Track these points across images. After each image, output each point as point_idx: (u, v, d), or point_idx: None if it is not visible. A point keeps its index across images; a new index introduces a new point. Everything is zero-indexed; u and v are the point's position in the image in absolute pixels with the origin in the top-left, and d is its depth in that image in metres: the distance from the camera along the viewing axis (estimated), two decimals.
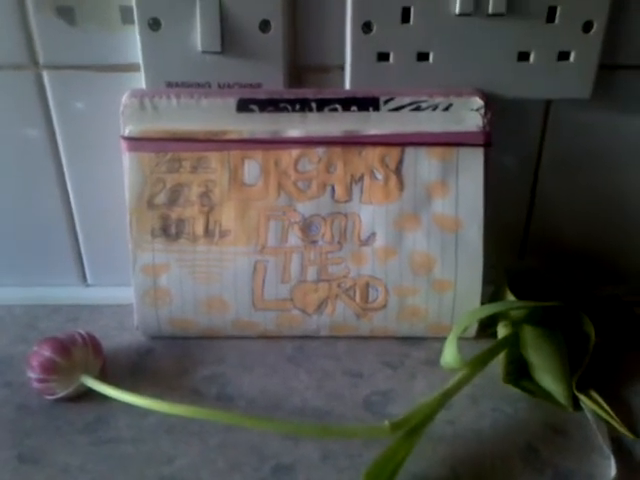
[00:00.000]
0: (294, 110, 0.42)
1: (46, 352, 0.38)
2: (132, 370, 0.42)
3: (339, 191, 0.43)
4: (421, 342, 0.45)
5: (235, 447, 0.36)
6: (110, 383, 0.38)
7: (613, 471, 0.34)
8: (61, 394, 0.39)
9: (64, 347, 0.39)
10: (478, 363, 0.38)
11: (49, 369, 0.38)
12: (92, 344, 0.40)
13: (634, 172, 0.48)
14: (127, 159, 0.42)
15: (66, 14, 0.42)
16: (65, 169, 0.47)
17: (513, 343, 0.41)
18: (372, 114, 0.42)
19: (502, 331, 0.42)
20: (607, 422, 0.38)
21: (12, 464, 0.35)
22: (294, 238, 0.43)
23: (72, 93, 0.44)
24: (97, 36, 0.43)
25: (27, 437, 0.37)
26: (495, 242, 0.43)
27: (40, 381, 0.38)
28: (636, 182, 0.48)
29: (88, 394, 0.39)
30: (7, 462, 0.35)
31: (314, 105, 0.42)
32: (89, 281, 0.52)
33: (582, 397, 0.39)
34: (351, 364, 0.43)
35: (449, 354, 0.39)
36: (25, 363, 0.39)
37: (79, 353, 0.39)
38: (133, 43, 0.42)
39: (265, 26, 0.41)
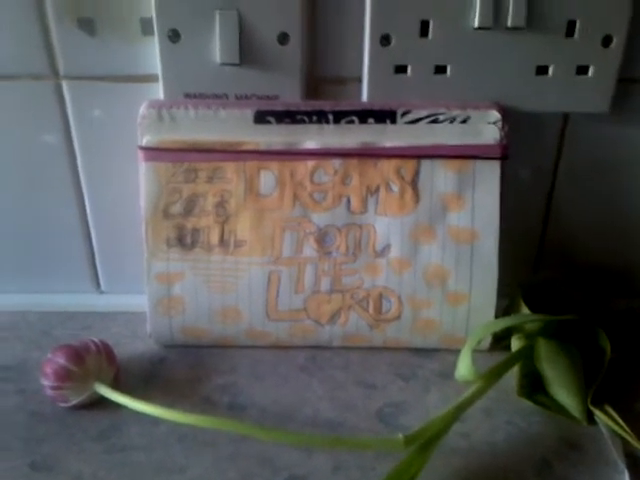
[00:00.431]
0: (311, 122, 0.42)
1: (60, 360, 0.38)
2: (145, 378, 0.43)
3: (354, 202, 0.43)
4: (434, 354, 0.45)
5: (247, 458, 0.36)
6: (123, 391, 0.38)
7: None
8: (74, 402, 0.39)
9: (78, 355, 0.39)
10: (492, 376, 0.38)
11: (63, 377, 0.38)
12: (106, 352, 0.40)
13: None
14: (144, 169, 0.42)
15: (87, 25, 0.42)
16: (82, 177, 0.47)
17: (527, 356, 0.41)
18: (389, 126, 0.42)
19: (516, 344, 0.42)
20: (622, 437, 0.37)
21: (25, 471, 0.35)
22: (309, 249, 0.43)
23: (91, 103, 0.45)
24: (117, 47, 0.43)
25: (40, 444, 0.37)
26: (510, 255, 0.43)
27: (54, 388, 0.38)
28: None
29: (101, 402, 0.39)
30: (20, 469, 0.35)
31: (331, 117, 0.42)
32: (103, 288, 0.52)
33: (597, 411, 0.39)
34: (364, 375, 0.43)
35: (463, 366, 0.39)
36: (39, 370, 0.39)
37: (93, 361, 0.39)
38: (152, 54, 0.42)
39: (283, 39, 0.42)
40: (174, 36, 0.41)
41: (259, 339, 0.45)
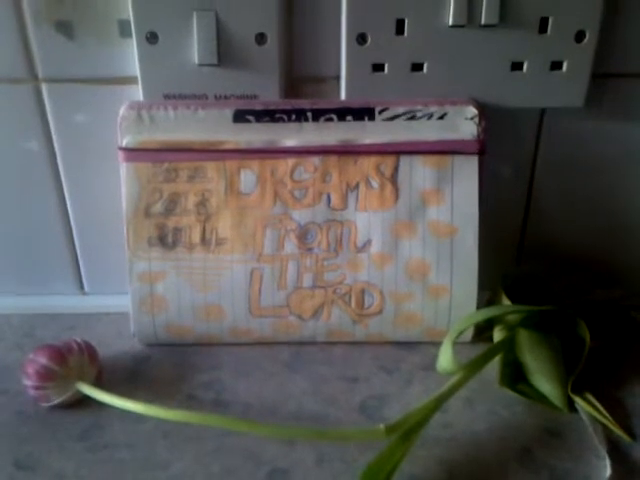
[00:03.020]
0: (290, 120, 0.43)
1: (42, 360, 0.38)
2: (129, 377, 0.43)
3: (335, 199, 0.43)
4: (417, 347, 0.45)
5: (231, 452, 0.36)
6: (106, 390, 0.38)
7: (608, 472, 0.34)
8: (57, 401, 0.39)
9: (60, 354, 0.39)
10: (473, 367, 0.38)
11: (45, 376, 0.38)
12: (88, 351, 0.40)
13: (628, 178, 0.48)
14: (124, 169, 0.43)
15: (65, 28, 0.43)
16: (63, 179, 0.47)
17: (509, 347, 0.41)
18: (367, 124, 0.43)
19: (498, 335, 0.42)
20: (602, 423, 0.38)
21: (8, 470, 0.35)
22: (290, 246, 0.43)
23: (70, 106, 0.45)
24: (95, 50, 0.43)
25: (23, 444, 0.37)
26: (492, 248, 0.44)
27: (36, 388, 0.38)
28: (630, 188, 0.49)
29: (84, 401, 0.39)
30: (3, 469, 0.35)
31: (310, 115, 0.43)
32: (86, 289, 0.52)
33: (577, 399, 0.39)
34: (347, 369, 0.43)
35: (445, 358, 0.39)
36: (21, 371, 0.39)
37: (75, 360, 0.39)
38: (131, 56, 0.43)
39: (261, 39, 0.42)
40: (152, 38, 0.42)
41: (243, 336, 0.45)
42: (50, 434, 0.38)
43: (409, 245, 0.43)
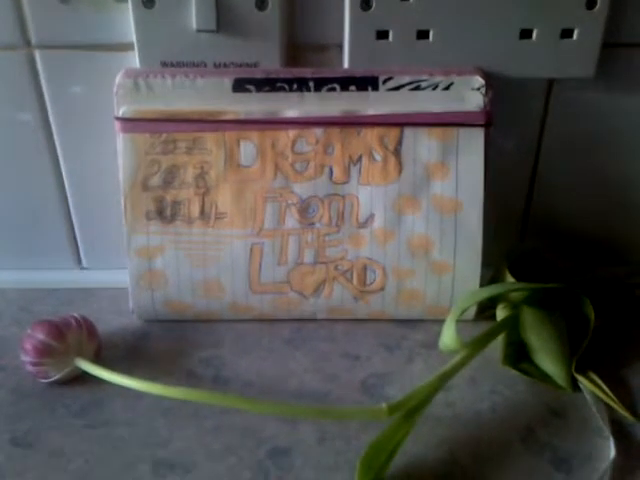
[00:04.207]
0: (291, 90, 0.41)
1: (40, 335, 0.38)
2: (128, 353, 0.42)
3: (337, 172, 0.42)
4: (419, 324, 0.44)
5: (231, 430, 0.36)
6: (105, 366, 0.38)
7: (612, 452, 0.34)
8: (55, 377, 0.38)
9: (58, 330, 0.38)
10: (477, 345, 0.38)
11: (43, 352, 0.38)
12: (86, 327, 0.40)
13: (637, 153, 0.47)
14: (121, 140, 0.41)
15: None
16: (59, 151, 0.46)
17: (512, 325, 0.40)
18: (371, 94, 0.41)
19: (501, 313, 0.42)
20: (606, 403, 0.38)
21: (5, 447, 0.35)
22: (291, 220, 0.42)
23: (65, 73, 0.44)
24: (90, 15, 0.42)
25: (21, 420, 0.37)
26: (495, 224, 0.43)
27: (34, 364, 0.38)
28: (639, 163, 0.48)
29: (82, 377, 0.39)
30: (1, 445, 0.35)
31: (312, 85, 0.41)
32: (84, 264, 0.51)
33: (581, 379, 0.39)
34: (348, 347, 0.43)
35: (447, 336, 0.39)
36: (19, 346, 0.39)
37: (73, 336, 0.39)
38: (127, 22, 0.41)
39: (262, 3, 0.41)
40: (148, 2, 0.40)
41: (243, 312, 0.44)
42: (48, 411, 0.37)
43: (412, 220, 0.42)
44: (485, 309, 0.44)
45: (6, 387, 0.39)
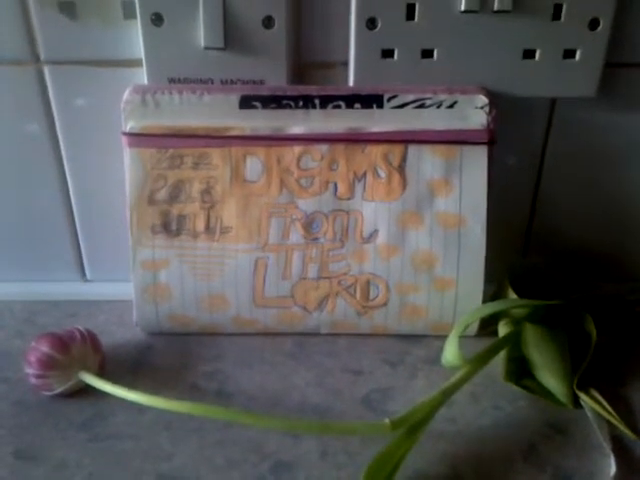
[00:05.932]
0: (297, 107, 0.42)
1: (44, 348, 0.38)
2: (131, 366, 0.42)
3: (341, 188, 0.42)
4: (422, 340, 0.45)
5: (234, 444, 0.36)
6: (109, 379, 0.38)
7: (613, 469, 0.34)
8: (59, 390, 0.38)
9: (62, 343, 0.38)
10: (479, 361, 0.38)
11: (47, 365, 0.38)
12: (91, 340, 0.40)
13: (638, 170, 0.48)
14: (128, 155, 0.42)
15: (68, 9, 0.42)
16: (65, 164, 0.47)
17: (514, 341, 0.41)
18: (376, 111, 0.42)
19: (503, 329, 0.42)
20: (607, 420, 0.38)
21: (9, 460, 0.35)
22: (296, 235, 0.43)
23: (73, 89, 0.44)
24: (99, 31, 0.42)
25: (24, 433, 0.37)
26: (498, 240, 0.43)
27: (38, 377, 0.38)
28: None
29: (86, 390, 0.39)
30: (4, 458, 0.35)
31: (317, 102, 0.42)
32: (88, 277, 0.52)
33: (583, 396, 0.39)
34: (351, 361, 0.43)
35: (450, 352, 0.39)
36: (23, 359, 0.39)
37: (78, 349, 0.39)
38: (135, 38, 0.42)
39: (268, 22, 0.41)
40: (157, 20, 0.41)
41: (246, 326, 0.44)
42: (52, 424, 0.37)
43: (416, 236, 0.43)
44: (487, 325, 0.44)
45: (10, 399, 0.39)
